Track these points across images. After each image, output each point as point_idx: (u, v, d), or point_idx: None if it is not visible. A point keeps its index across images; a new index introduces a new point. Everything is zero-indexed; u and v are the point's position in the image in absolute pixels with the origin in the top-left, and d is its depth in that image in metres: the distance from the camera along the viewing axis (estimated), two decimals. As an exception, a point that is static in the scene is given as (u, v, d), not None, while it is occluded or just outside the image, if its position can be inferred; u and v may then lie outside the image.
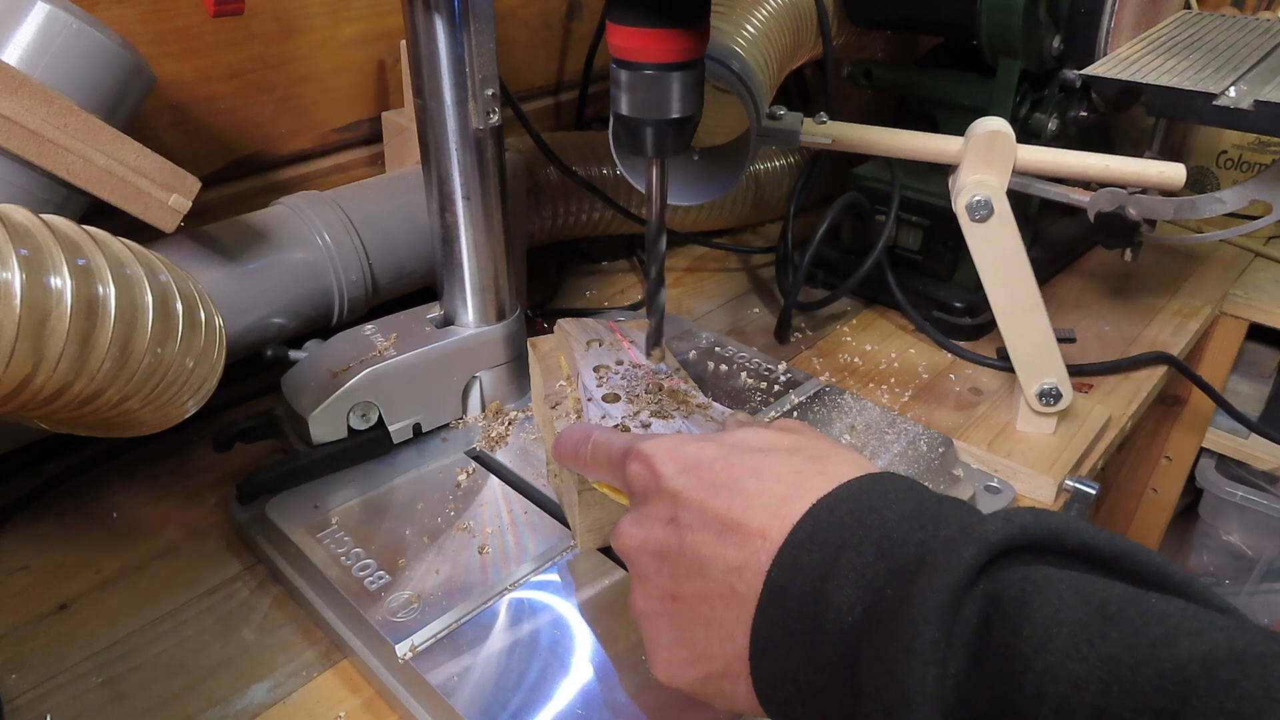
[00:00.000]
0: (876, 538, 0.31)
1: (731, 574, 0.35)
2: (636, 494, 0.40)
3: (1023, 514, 0.30)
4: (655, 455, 0.39)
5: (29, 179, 0.50)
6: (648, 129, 0.47)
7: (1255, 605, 1.13)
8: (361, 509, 0.55)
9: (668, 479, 0.38)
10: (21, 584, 0.54)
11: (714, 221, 0.95)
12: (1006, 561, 0.29)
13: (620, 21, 0.44)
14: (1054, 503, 0.62)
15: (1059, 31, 0.72)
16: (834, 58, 0.79)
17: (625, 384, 0.54)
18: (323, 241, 0.65)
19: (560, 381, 0.57)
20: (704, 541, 0.36)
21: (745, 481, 0.36)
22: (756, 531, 0.34)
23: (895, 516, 0.32)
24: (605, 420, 0.50)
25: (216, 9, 0.46)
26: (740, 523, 0.35)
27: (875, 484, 0.34)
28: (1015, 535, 0.29)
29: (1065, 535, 0.29)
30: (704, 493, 0.36)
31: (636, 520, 0.39)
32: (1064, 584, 0.27)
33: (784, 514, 0.34)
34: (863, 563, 0.31)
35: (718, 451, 0.38)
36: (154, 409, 0.45)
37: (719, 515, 0.35)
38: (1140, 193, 0.68)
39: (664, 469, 0.38)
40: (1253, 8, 1.04)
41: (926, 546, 0.30)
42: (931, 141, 0.62)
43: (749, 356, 0.71)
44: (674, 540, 0.37)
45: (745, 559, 0.34)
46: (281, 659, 0.50)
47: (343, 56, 0.76)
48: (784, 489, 0.35)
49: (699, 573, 0.36)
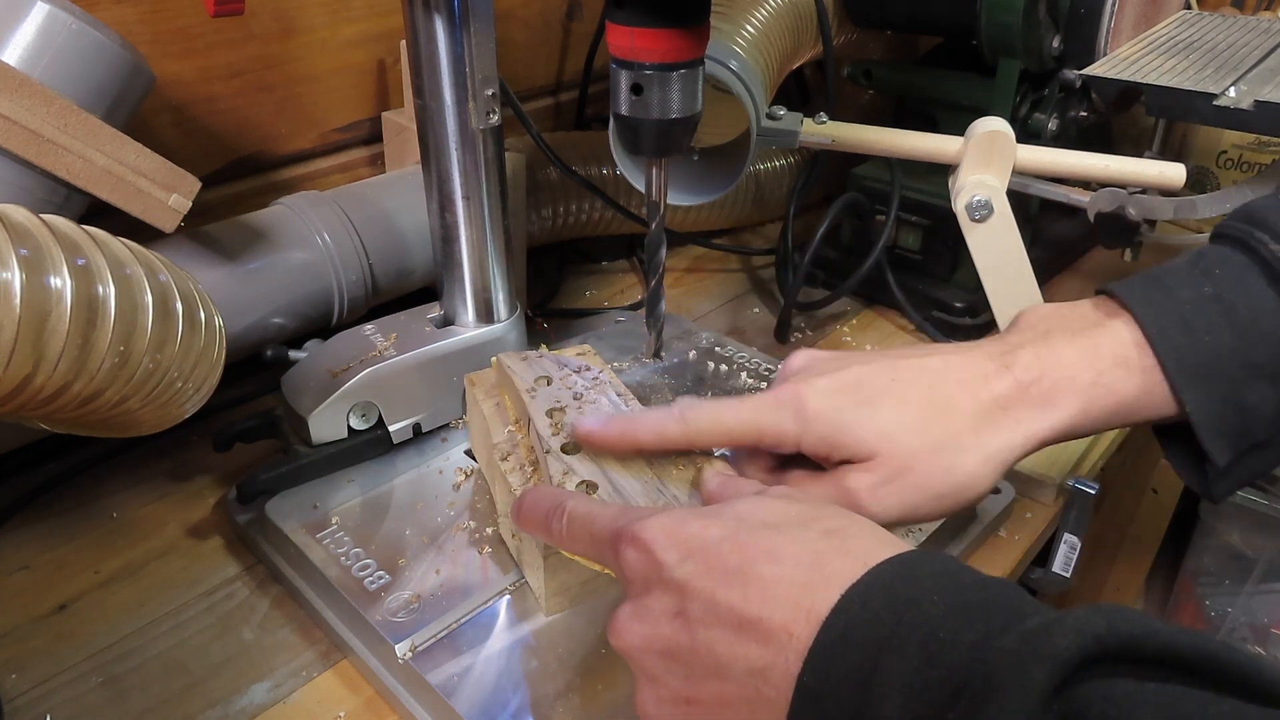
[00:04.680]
0: (920, 638, 0.28)
1: (755, 676, 0.32)
2: (634, 584, 0.36)
3: (1095, 620, 0.26)
4: (654, 540, 0.35)
5: (29, 179, 0.50)
6: (647, 129, 0.47)
7: (1255, 605, 1.13)
8: (361, 509, 0.55)
9: (670, 568, 0.34)
10: (21, 584, 0.54)
11: (714, 221, 0.95)
12: (1082, 675, 0.26)
13: (620, 21, 0.44)
14: (1054, 503, 0.62)
15: (1059, 31, 0.72)
16: (834, 58, 0.79)
17: None
18: (323, 241, 0.65)
19: (509, 427, 0.52)
20: (720, 639, 0.32)
21: (760, 567, 0.33)
22: (780, 628, 0.31)
23: (939, 610, 0.29)
24: (569, 476, 0.44)
25: (216, 9, 0.46)
26: (760, 617, 0.32)
27: (908, 568, 0.31)
28: (1089, 647, 0.26)
29: (1144, 641, 0.26)
30: (714, 582, 0.33)
31: (637, 614, 0.35)
32: (1150, 705, 0.25)
33: (809, 606, 0.31)
34: (909, 669, 0.28)
35: (724, 531, 0.34)
36: (154, 409, 0.45)
37: (734, 609, 0.32)
38: (1140, 193, 0.68)
39: (666, 556, 0.34)
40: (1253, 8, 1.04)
41: (984, 659, 0.27)
42: (931, 141, 0.62)
43: (749, 356, 0.71)
44: (685, 638, 0.33)
45: (770, 660, 0.31)
46: (281, 659, 0.50)
47: (343, 56, 0.76)
48: (805, 574, 0.32)
49: (716, 674, 0.33)
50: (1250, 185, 0.68)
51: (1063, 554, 0.63)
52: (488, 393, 0.56)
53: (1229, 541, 1.13)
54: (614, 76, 0.46)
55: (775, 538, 0.34)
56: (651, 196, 0.51)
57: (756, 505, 0.36)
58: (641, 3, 0.43)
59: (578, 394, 0.51)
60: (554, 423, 0.49)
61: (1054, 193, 0.70)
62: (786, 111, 0.65)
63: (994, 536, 0.59)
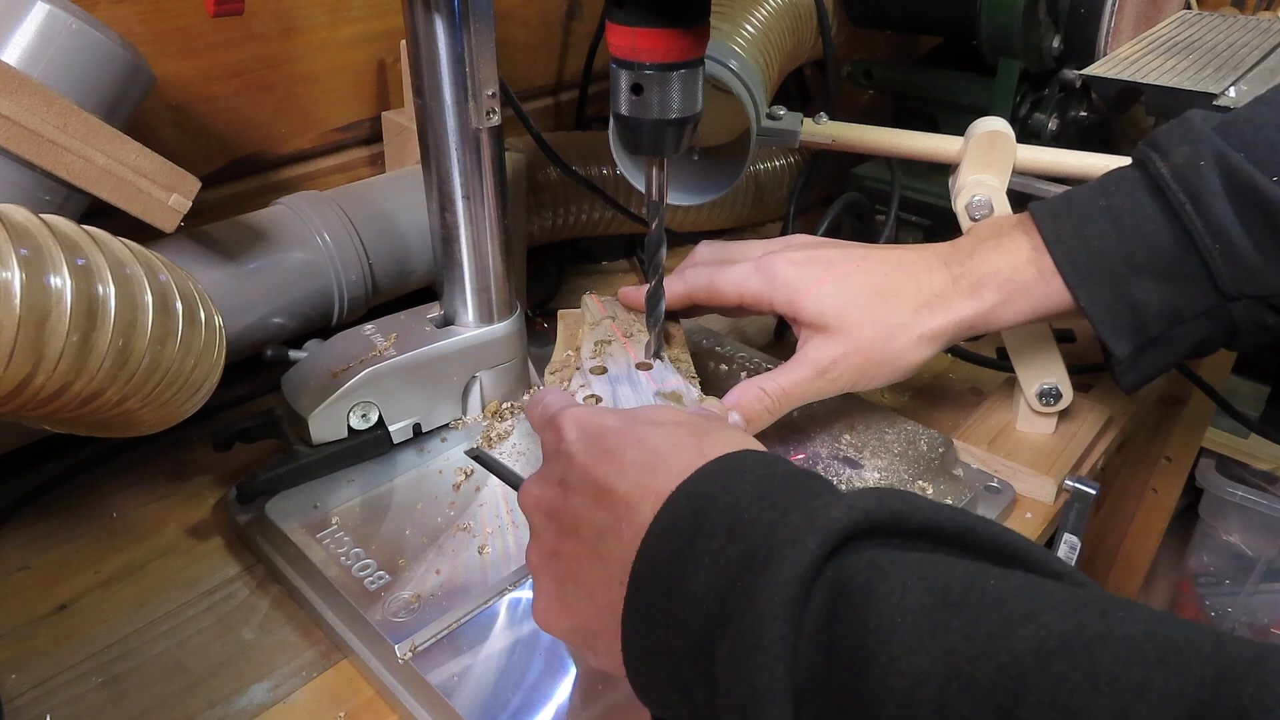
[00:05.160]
0: (729, 520, 0.32)
1: (598, 537, 0.37)
2: (545, 456, 0.42)
3: (867, 496, 0.30)
4: (565, 422, 0.41)
5: (29, 179, 0.50)
6: (647, 129, 0.47)
7: (1255, 605, 1.14)
8: (361, 509, 0.55)
9: (568, 443, 0.40)
10: (21, 584, 0.54)
11: (714, 221, 0.95)
12: (854, 546, 0.29)
13: (620, 21, 0.44)
14: (1054, 503, 0.62)
15: (1059, 31, 0.72)
16: (834, 58, 0.79)
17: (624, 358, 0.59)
18: (323, 241, 0.65)
19: (569, 351, 0.61)
20: (581, 504, 0.38)
21: (626, 450, 0.38)
22: (622, 499, 0.36)
23: (747, 495, 0.32)
24: (583, 389, 0.54)
25: (216, 9, 0.46)
26: (612, 489, 0.36)
27: (734, 461, 0.35)
28: (859, 520, 0.29)
29: (908, 516, 0.30)
30: (591, 457, 0.38)
31: (536, 479, 0.41)
32: (908, 569, 0.28)
33: (650, 485, 0.35)
34: (715, 547, 0.31)
35: (618, 421, 0.40)
36: (154, 409, 0.45)
37: (597, 480, 0.37)
38: (1140, 193, 0.67)
39: (568, 434, 0.40)
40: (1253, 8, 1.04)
41: (774, 532, 0.30)
42: (931, 141, 0.62)
43: (749, 356, 0.71)
44: (560, 501, 0.39)
45: (610, 524, 0.36)
46: (281, 659, 0.50)
47: (343, 56, 0.76)
48: (655, 459, 0.37)
49: (573, 533, 0.38)
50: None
51: (1063, 554, 0.63)
52: (570, 324, 0.65)
53: (1229, 541, 1.13)
54: (614, 76, 0.46)
55: (651, 431, 0.39)
56: (652, 196, 0.51)
57: (656, 409, 0.42)
58: (642, 3, 0.43)
59: (629, 334, 0.61)
60: (596, 350, 0.59)
61: (1054, 193, 0.70)
62: (786, 111, 0.65)
63: (994, 536, 0.59)
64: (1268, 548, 1.09)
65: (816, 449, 0.60)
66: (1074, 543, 0.62)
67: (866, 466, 0.58)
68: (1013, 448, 0.64)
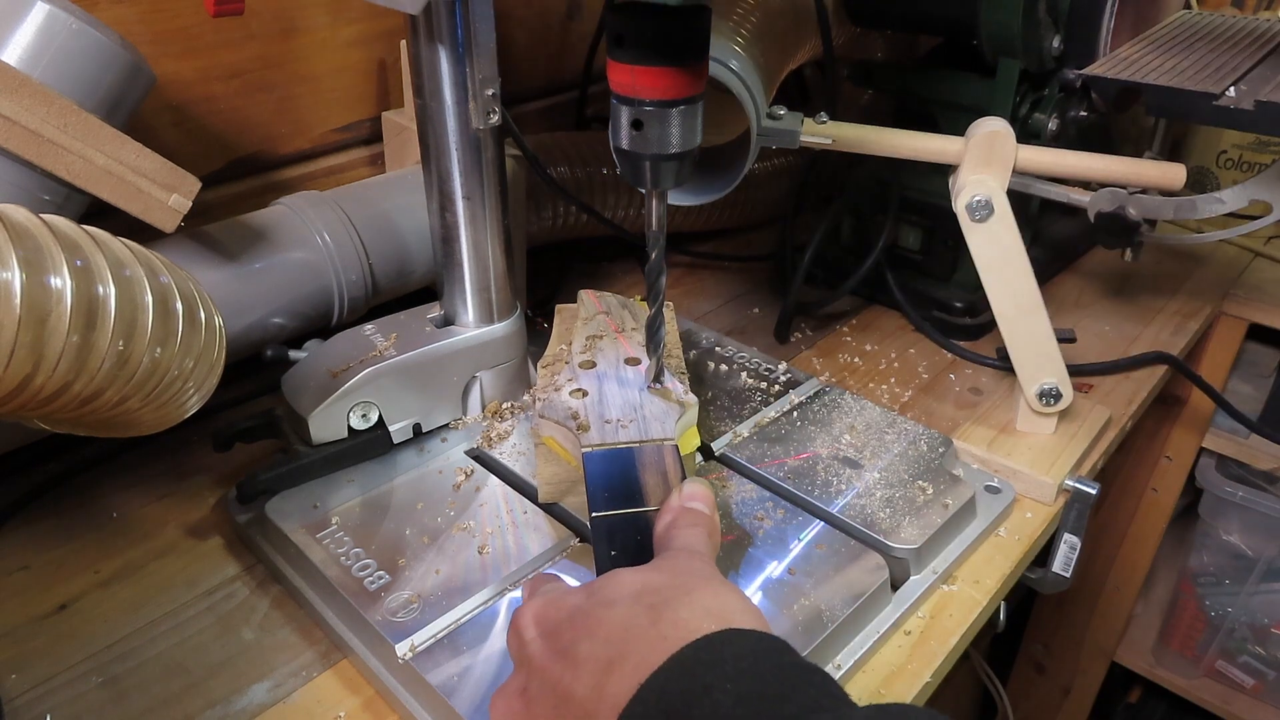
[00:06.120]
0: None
1: None
2: (513, 660, 0.39)
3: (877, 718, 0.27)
4: (523, 621, 0.38)
5: (29, 179, 0.50)
6: (647, 163, 0.48)
7: (1255, 605, 1.13)
8: (361, 509, 0.55)
9: (526, 645, 0.37)
10: (21, 584, 0.54)
11: (712, 221, 0.95)
12: None
13: (621, 59, 0.45)
14: (1054, 503, 0.62)
15: (1059, 31, 0.72)
16: (834, 58, 0.79)
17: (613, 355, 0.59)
18: (323, 241, 0.65)
19: (563, 345, 0.62)
20: (544, 715, 0.35)
21: (579, 645, 0.35)
22: (579, 706, 0.33)
23: (729, 701, 0.29)
24: (570, 383, 0.56)
25: (216, 9, 0.46)
26: (569, 695, 0.33)
27: (712, 650, 0.31)
28: None
29: None
30: (549, 659, 0.36)
31: (501, 691, 0.38)
32: None
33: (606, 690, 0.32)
34: None
35: (576, 605, 0.37)
36: (154, 409, 0.45)
37: (555, 687, 0.34)
38: (1140, 193, 0.67)
39: (526, 635, 0.38)
40: (1253, 8, 1.04)
41: None
42: (931, 141, 0.62)
43: (749, 356, 0.71)
44: (524, 713, 0.36)
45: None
46: (281, 659, 0.50)
47: (343, 56, 0.76)
48: (611, 651, 0.33)
49: None
50: (1250, 185, 0.68)
51: (1063, 554, 0.63)
52: (567, 319, 0.66)
53: (1229, 541, 1.13)
54: (614, 111, 0.47)
55: (604, 613, 0.35)
56: (652, 227, 0.52)
57: (618, 578, 0.38)
58: (642, 42, 0.44)
59: (623, 328, 0.62)
60: (587, 345, 0.60)
61: (1054, 193, 0.70)
62: (787, 111, 0.65)
63: (994, 536, 0.59)
64: (1268, 548, 1.09)
65: (817, 450, 0.60)
66: (1074, 543, 0.62)
67: (867, 467, 0.59)
68: (1013, 448, 0.64)
